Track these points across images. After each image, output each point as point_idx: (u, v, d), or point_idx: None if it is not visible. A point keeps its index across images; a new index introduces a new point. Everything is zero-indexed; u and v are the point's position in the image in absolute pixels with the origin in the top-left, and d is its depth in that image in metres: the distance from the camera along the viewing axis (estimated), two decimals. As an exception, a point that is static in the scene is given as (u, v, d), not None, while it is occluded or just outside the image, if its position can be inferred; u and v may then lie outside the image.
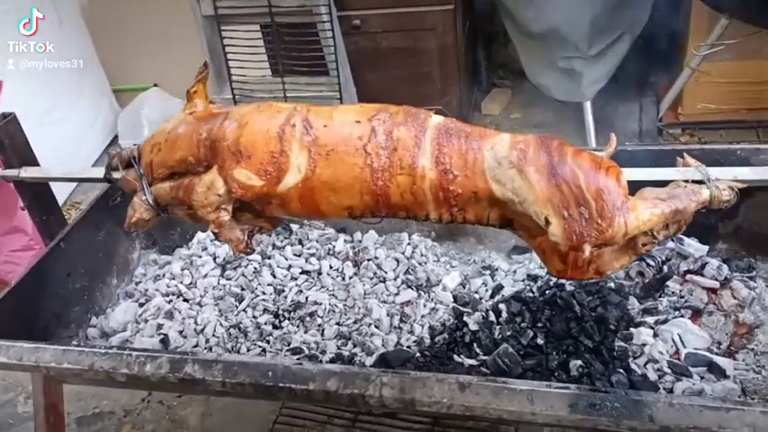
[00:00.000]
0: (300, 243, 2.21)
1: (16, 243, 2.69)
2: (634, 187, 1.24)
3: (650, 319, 1.73)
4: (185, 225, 2.27)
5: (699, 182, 1.26)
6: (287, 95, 3.28)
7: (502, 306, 1.83)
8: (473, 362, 1.71)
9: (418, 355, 1.76)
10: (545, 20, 3.18)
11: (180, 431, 2.29)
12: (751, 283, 1.81)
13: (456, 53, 3.51)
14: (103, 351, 1.48)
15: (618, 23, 3.17)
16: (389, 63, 3.52)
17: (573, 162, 1.16)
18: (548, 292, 1.85)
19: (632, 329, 1.70)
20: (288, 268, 2.12)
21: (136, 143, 1.52)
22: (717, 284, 1.80)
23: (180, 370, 1.42)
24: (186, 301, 2.05)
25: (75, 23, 3.84)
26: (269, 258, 2.16)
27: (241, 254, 1.40)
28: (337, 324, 1.92)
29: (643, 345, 1.66)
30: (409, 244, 2.14)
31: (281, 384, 1.36)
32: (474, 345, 1.76)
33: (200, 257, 2.17)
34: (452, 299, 1.94)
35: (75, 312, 1.98)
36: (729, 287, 1.80)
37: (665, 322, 1.72)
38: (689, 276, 1.85)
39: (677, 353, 1.65)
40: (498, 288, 1.94)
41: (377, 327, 1.87)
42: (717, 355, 1.64)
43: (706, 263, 1.85)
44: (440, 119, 1.25)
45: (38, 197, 1.95)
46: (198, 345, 1.89)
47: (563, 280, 1.89)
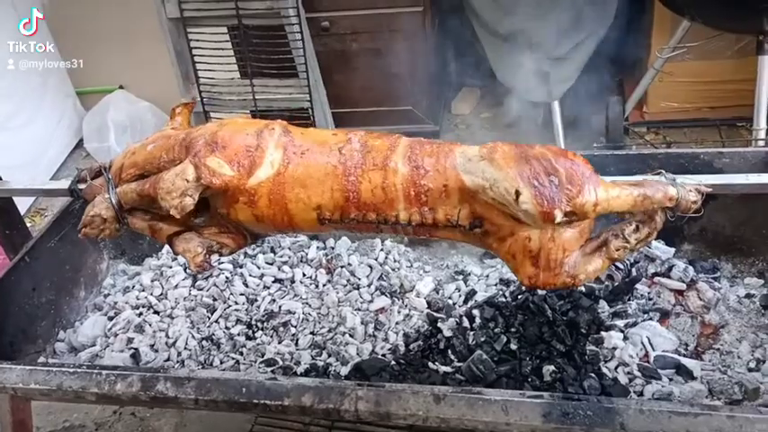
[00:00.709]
0: (273, 251, 2.19)
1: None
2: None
3: (620, 323, 1.76)
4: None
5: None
6: (256, 98, 3.24)
7: (475, 312, 1.85)
8: (448, 369, 1.72)
9: (393, 363, 1.76)
10: (512, 22, 3.22)
11: (153, 443, 2.27)
12: (716, 284, 1.86)
13: (425, 54, 3.52)
14: (72, 370, 1.46)
15: (583, 25, 3.20)
16: (359, 64, 3.52)
17: (541, 147, 1.21)
18: (520, 296, 1.86)
19: (603, 333, 1.73)
20: (260, 277, 2.11)
21: (101, 145, 1.48)
22: (683, 286, 1.85)
23: (151, 388, 1.40)
24: (157, 313, 2.02)
25: (41, 27, 3.75)
26: (241, 267, 2.14)
27: (197, 269, 1.37)
28: (311, 333, 1.91)
29: (613, 348, 1.68)
30: (382, 250, 2.15)
31: (255, 401, 1.35)
32: (449, 351, 1.77)
33: (171, 267, 2.14)
34: (426, 305, 1.95)
35: (41, 327, 1.94)
36: (695, 288, 1.84)
37: (634, 325, 1.75)
38: (656, 279, 1.89)
39: (647, 356, 1.68)
40: (471, 293, 1.95)
41: (351, 335, 1.87)
42: (684, 356, 1.68)
43: (673, 265, 1.89)
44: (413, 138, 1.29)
45: (1, 211, 1.90)
46: (170, 359, 1.86)
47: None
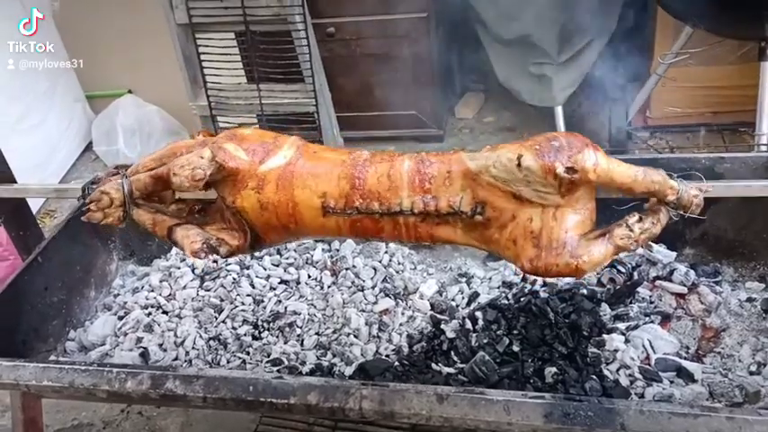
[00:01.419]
0: (279, 252, 2.22)
1: (-10, 254, 2.68)
2: (603, 202, 1.28)
3: (622, 326, 1.78)
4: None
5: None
6: (262, 102, 3.28)
7: (478, 314, 1.87)
8: (451, 370, 1.75)
9: (397, 364, 1.79)
10: (516, 27, 3.25)
11: (160, 442, 2.30)
12: (717, 288, 1.88)
13: (429, 59, 3.56)
14: (84, 368, 1.48)
15: (587, 31, 3.24)
16: (364, 69, 3.56)
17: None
18: (522, 299, 1.89)
19: (604, 336, 1.75)
20: (266, 278, 2.14)
21: (110, 148, 1.51)
22: (685, 290, 1.87)
23: (161, 386, 1.43)
24: (165, 313, 2.05)
25: (47, 28, 3.80)
26: (247, 269, 2.17)
27: (192, 256, 1.37)
28: (316, 334, 1.94)
29: (615, 351, 1.71)
30: (386, 252, 2.18)
31: (261, 399, 1.38)
32: (451, 353, 1.80)
33: (179, 269, 2.18)
34: (430, 307, 1.98)
35: (53, 326, 1.97)
36: (697, 292, 1.86)
37: (635, 328, 1.77)
38: (658, 282, 1.91)
39: (648, 358, 1.70)
40: (474, 295, 1.98)
41: (356, 336, 1.90)
42: (685, 359, 1.70)
43: (674, 269, 1.91)
44: None
45: (14, 212, 1.94)
46: (178, 358, 1.90)
47: (537, 278, 1.94)
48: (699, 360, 1.71)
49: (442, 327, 1.88)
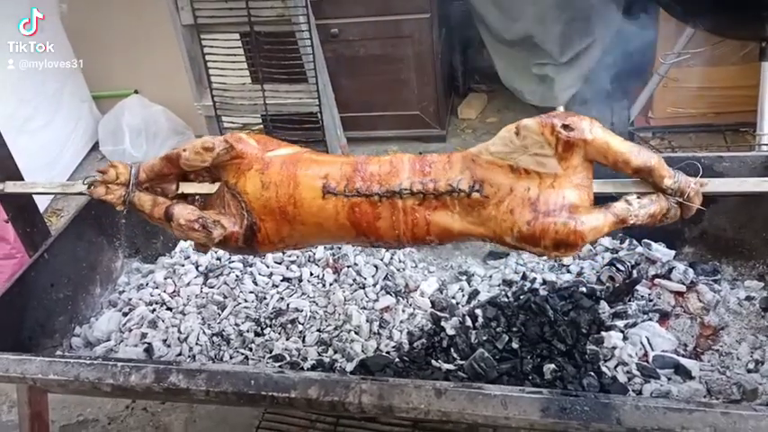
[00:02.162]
0: (281, 250, 2.25)
1: (-2, 252, 2.72)
2: (604, 200, 1.29)
3: (620, 323, 1.80)
4: (167, 233, 2.29)
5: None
6: (267, 102, 3.31)
7: (478, 311, 1.89)
8: (450, 366, 1.76)
9: (397, 360, 1.81)
10: (518, 28, 3.28)
11: (164, 438, 2.32)
12: (716, 287, 1.89)
13: (432, 60, 3.58)
14: (89, 362, 1.51)
15: (589, 31, 3.25)
16: (367, 70, 3.59)
17: None
18: (522, 297, 1.91)
19: (603, 333, 1.77)
20: (269, 275, 2.16)
21: (116, 148, 1.54)
22: (683, 288, 1.88)
23: (164, 380, 1.45)
24: (169, 309, 2.08)
25: (55, 29, 3.83)
26: (250, 266, 2.20)
27: (186, 222, 1.37)
28: (318, 331, 1.96)
29: (613, 348, 1.72)
30: (387, 250, 2.19)
31: (263, 393, 1.40)
32: (451, 349, 1.82)
33: (183, 266, 2.20)
34: (430, 304, 2.00)
35: (59, 322, 2.00)
36: (695, 290, 1.87)
37: (634, 326, 1.79)
38: (657, 280, 1.92)
39: (646, 355, 1.71)
40: (474, 293, 2.00)
41: (357, 333, 1.92)
42: (683, 356, 1.71)
43: (673, 267, 1.92)
44: None
45: (21, 210, 1.97)
46: (182, 353, 1.92)
47: (537, 276, 1.96)
48: (697, 357, 1.73)
49: (442, 324, 1.89)
